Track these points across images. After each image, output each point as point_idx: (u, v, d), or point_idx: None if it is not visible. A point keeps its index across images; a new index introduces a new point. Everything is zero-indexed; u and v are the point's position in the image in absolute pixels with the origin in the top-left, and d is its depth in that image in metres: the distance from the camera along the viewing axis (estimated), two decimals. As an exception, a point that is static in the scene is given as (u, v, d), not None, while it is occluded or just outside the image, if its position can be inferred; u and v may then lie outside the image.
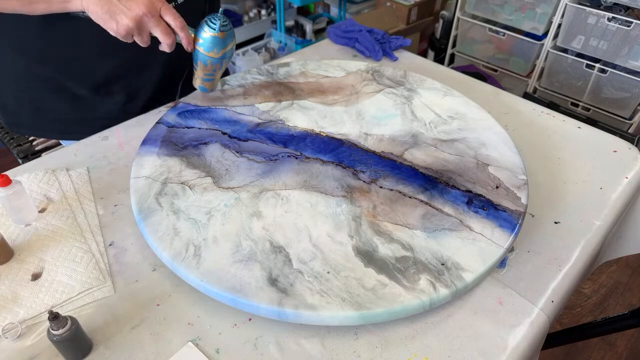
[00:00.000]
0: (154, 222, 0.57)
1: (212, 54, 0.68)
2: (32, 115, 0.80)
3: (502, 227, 0.57)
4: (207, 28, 0.67)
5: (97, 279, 0.54)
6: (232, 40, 0.70)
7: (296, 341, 0.49)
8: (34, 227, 0.60)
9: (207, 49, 0.68)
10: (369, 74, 0.85)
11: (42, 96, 0.78)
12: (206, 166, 0.65)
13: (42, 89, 0.77)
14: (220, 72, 0.73)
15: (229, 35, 0.68)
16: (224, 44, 0.68)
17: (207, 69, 0.71)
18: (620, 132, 1.79)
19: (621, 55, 1.72)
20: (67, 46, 0.73)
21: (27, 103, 0.79)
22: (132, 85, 0.80)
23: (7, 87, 0.78)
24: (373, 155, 0.67)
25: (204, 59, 0.69)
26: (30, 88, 0.77)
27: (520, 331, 0.50)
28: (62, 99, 0.78)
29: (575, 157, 0.74)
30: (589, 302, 1.53)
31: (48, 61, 0.74)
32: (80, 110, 0.79)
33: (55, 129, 0.82)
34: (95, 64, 0.76)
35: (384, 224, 0.57)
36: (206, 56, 0.68)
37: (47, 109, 0.79)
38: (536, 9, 1.88)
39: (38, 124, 0.82)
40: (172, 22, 0.63)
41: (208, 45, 0.67)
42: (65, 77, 0.76)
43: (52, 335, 0.44)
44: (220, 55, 0.69)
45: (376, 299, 0.49)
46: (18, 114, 0.81)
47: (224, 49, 0.69)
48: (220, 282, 0.50)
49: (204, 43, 0.67)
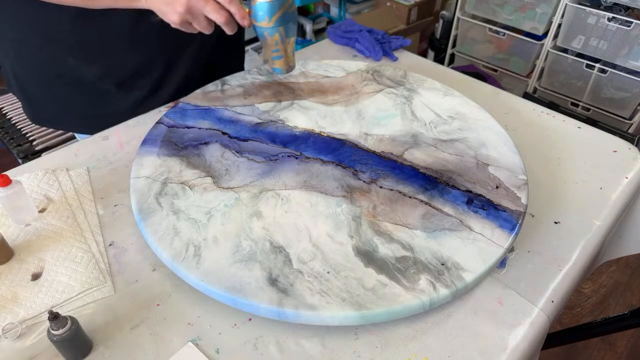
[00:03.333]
0: (154, 222, 0.57)
1: (264, 23, 0.61)
2: (55, 109, 0.82)
3: (502, 227, 0.57)
4: None
5: (97, 279, 0.54)
6: (284, 5, 0.61)
7: (296, 341, 0.49)
8: (34, 227, 0.60)
9: (259, 19, 0.61)
10: (369, 74, 0.85)
11: (66, 90, 0.79)
12: (206, 166, 0.65)
13: (66, 83, 0.78)
14: (287, 45, 0.65)
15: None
16: (273, 8, 0.60)
17: (270, 44, 0.64)
18: (620, 132, 1.79)
19: (621, 55, 1.72)
20: (98, 40, 0.73)
21: (51, 97, 0.80)
22: (156, 81, 0.80)
23: (32, 80, 0.79)
24: (373, 155, 0.67)
25: (262, 31, 0.62)
26: (55, 82, 0.78)
27: (520, 331, 0.50)
28: (85, 93, 0.79)
29: (575, 157, 0.74)
30: (589, 302, 1.52)
31: (77, 55, 0.75)
32: (102, 104, 0.80)
33: (77, 123, 0.83)
34: (123, 59, 0.76)
35: (384, 224, 0.57)
36: (260, 27, 0.62)
37: (70, 102, 0.80)
38: (536, 9, 1.88)
39: (61, 118, 0.83)
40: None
41: (258, 13, 0.61)
42: (92, 71, 0.76)
43: (52, 335, 0.44)
44: (275, 23, 0.61)
45: (376, 299, 0.49)
46: (42, 107, 0.82)
47: (276, 15, 0.61)
48: (220, 282, 0.50)
49: (255, 12, 0.61)
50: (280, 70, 0.68)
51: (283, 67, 0.68)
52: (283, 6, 0.61)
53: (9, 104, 1.47)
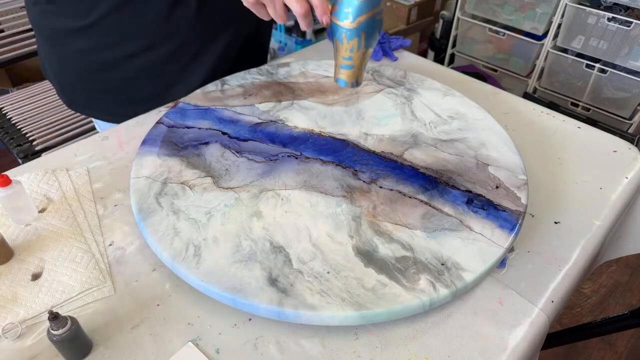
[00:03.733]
0: (154, 222, 0.57)
1: (346, 23, 0.53)
2: (86, 96, 0.83)
3: (502, 227, 0.57)
4: None
5: (97, 279, 0.54)
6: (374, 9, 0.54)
7: (296, 341, 0.49)
8: (34, 227, 0.60)
9: (341, 17, 0.54)
10: (369, 74, 0.85)
11: (96, 77, 0.80)
12: (206, 166, 0.65)
13: (97, 70, 0.79)
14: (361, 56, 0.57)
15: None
16: (361, 9, 0.53)
17: (344, 49, 0.56)
18: (620, 132, 1.79)
19: (621, 55, 1.72)
20: (134, 27, 0.74)
21: (82, 83, 0.82)
22: (183, 69, 0.81)
23: (64, 68, 0.81)
24: (373, 155, 0.67)
25: (339, 31, 0.55)
26: (86, 69, 0.79)
27: (520, 331, 0.50)
28: (114, 80, 0.80)
29: (575, 157, 0.74)
30: (589, 302, 1.53)
31: (110, 41, 0.76)
32: (129, 91, 0.81)
33: (105, 110, 0.85)
34: (155, 46, 0.77)
35: (384, 224, 0.57)
36: (340, 27, 0.54)
37: (100, 89, 0.82)
38: (536, 9, 1.88)
39: (90, 104, 0.85)
40: None
41: (343, 10, 0.53)
42: (122, 58, 0.77)
43: (52, 335, 0.44)
44: (357, 26, 0.53)
45: (376, 299, 0.49)
46: (74, 93, 0.84)
47: (363, 16, 0.53)
48: (220, 282, 0.50)
49: (339, 9, 0.54)
50: (345, 83, 0.60)
51: (349, 81, 0.60)
52: (373, 9, 0.54)
53: (9, 104, 1.48)
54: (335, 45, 0.57)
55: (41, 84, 1.56)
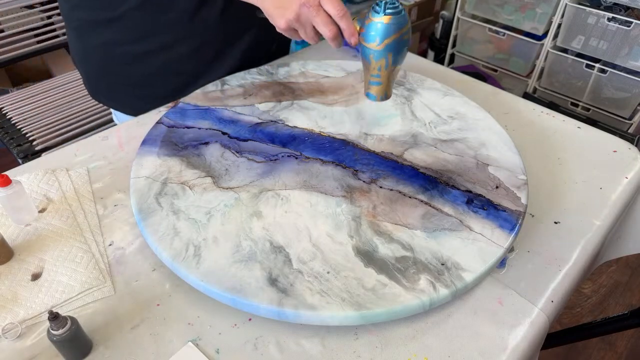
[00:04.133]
0: (154, 222, 0.57)
1: (373, 45, 0.56)
2: (109, 87, 0.86)
3: (502, 227, 0.57)
4: (371, 13, 0.56)
5: (97, 279, 0.54)
6: (400, 30, 0.55)
7: (296, 341, 0.49)
8: (34, 227, 0.60)
9: (368, 39, 0.56)
10: (369, 74, 0.85)
11: (117, 69, 0.82)
12: (206, 166, 0.65)
13: (118, 63, 0.81)
14: (389, 73, 0.59)
15: (397, 22, 0.55)
16: (388, 32, 0.55)
17: (372, 68, 0.59)
18: (620, 132, 1.79)
19: (621, 55, 1.72)
20: (159, 23, 0.76)
21: (106, 75, 0.84)
22: (202, 70, 0.83)
23: (90, 58, 0.84)
24: (373, 155, 0.67)
25: (367, 52, 0.57)
26: (108, 60, 0.81)
27: (520, 331, 0.50)
28: (133, 74, 0.82)
29: (575, 157, 0.74)
30: (589, 302, 1.53)
31: (135, 36, 0.78)
32: (150, 86, 0.83)
33: (125, 102, 0.87)
34: (179, 43, 0.79)
35: (384, 224, 0.57)
36: (368, 48, 0.57)
37: (122, 82, 0.84)
38: (536, 9, 1.88)
39: (112, 96, 0.88)
40: (332, 10, 0.57)
41: (370, 33, 0.56)
42: (145, 53, 0.79)
43: (52, 335, 0.44)
44: (384, 48, 0.55)
45: (376, 299, 0.49)
46: (98, 84, 0.87)
47: (388, 39, 0.55)
48: (220, 282, 0.50)
49: (366, 31, 0.56)
50: (374, 97, 0.62)
51: (378, 95, 0.62)
52: (399, 31, 0.55)
53: (9, 104, 1.47)
54: (364, 63, 0.60)
55: (41, 84, 1.55)
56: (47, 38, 1.57)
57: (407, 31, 0.56)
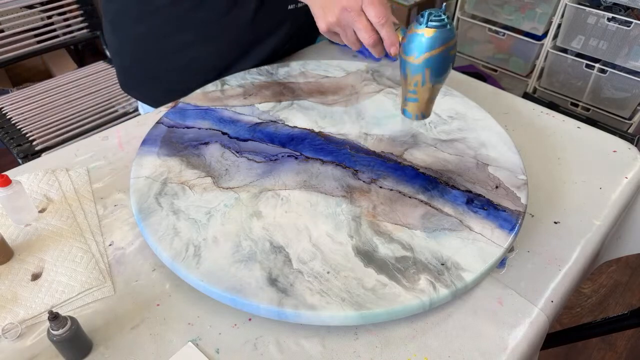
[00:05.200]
0: (154, 222, 0.57)
1: (411, 58, 0.52)
2: (140, 80, 0.88)
3: (502, 227, 0.57)
4: (414, 23, 0.51)
5: (97, 279, 0.54)
6: (443, 45, 0.50)
7: (296, 341, 0.49)
8: (34, 227, 0.60)
9: (407, 51, 0.52)
10: (368, 74, 0.85)
11: (146, 63, 0.84)
12: (206, 166, 0.65)
13: (147, 57, 0.83)
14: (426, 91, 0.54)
15: (440, 35, 0.50)
16: (428, 45, 0.50)
17: (409, 83, 0.55)
18: (620, 132, 1.79)
19: (621, 55, 1.73)
20: (194, 18, 0.78)
21: (138, 67, 0.86)
22: (229, 68, 0.84)
23: (124, 50, 0.86)
24: (373, 155, 0.67)
25: (405, 65, 0.53)
26: (139, 54, 0.84)
27: (520, 331, 0.50)
28: (161, 69, 0.84)
29: (575, 157, 0.74)
30: (589, 302, 1.53)
31: (169, 31, 0.79)
32: (174, 83, 0.84)
33: (154, 96, 0.88)
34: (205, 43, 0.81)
35: (384, 224, 0.57)
36: (406, 61, 0.53)
37: (147, 76, 0.86)
38: (536, 9, 1.88)
39: (142, 89, 0.90)
40: (373, 16, 0.54)
41: (410, 44, 0.51)
42: (172, 49, 0.82)
43: (52, 335, 0.44)
44: (422, 62, 0.51)
45: (376, 299, 0.49)
46: (130, 76, 0.89)
47: (428, 53, 0.51)
48: (220, 282, 0.50)
49: (406, 42, 0.52)
50: (410, 115, 0.58)
51: (414, 113, 0.57)
52: (441, 46, 0.50)
53: (9, 104, 1.48)
54: (401, 76, 0.56)
55: (41, 83, 1.56)
56: (47, 38, 1.57)
57: (451, 47, 0.51)
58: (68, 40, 1.64)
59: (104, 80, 1.56)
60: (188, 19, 0.79)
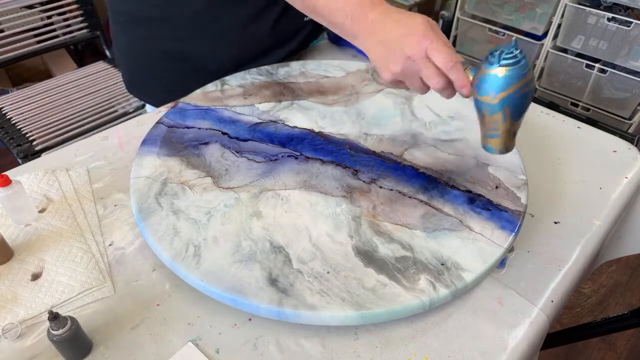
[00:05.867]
0: (154, 222, 0.57)
1: (487, 99, 0.49)
2: (146, 82, 0.89)
3: (502, 227, 0.57)
4: (485, 63, 0.49)
5: (97, 279, 0.54)
6: (519, 82, 0.48)
7: (296, 341, 0.49)
8: (34, 227, 0.60)
9: (482, 92, 0.50)
10: (368, 74, 0.85)
11: (155, 65, 0.85)
12: (206, 166, 0.65)
13: (159, 59, 0.84)
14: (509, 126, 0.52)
15: (514, 73, 0.48)
16: (503, 85, 0.48)
17: (488, 121, 0.52)
18: (620, 132, 1.79)
19: (621, 55, 1.72)
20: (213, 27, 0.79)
21: (144, 69, 0.86)
22: (239, 70, 0.85)
23: (131, 52, 0.86)
24: (373, 155, 0.67)
25: (481, 106, 0.51)
26: (150, 57, 0.84)
27: (520, 331, 0.50)
28: (170, 71, 0.85)
29: (575, 157, 0.74)
30: (589, 302, 1.53)
31: (182, 36, 0.80)
32: (183, 85, 0.84)
33: (160, 98, 0.88)
34: (218, 52, 0.82)
35: (383, 224, 0.57)
36: (482, 102, 0.50)
37: (160, 77, 0.86)
38: (536, 9, 1.88)
39: (148, 91, 0.91)
40: (440, 61, 0.52)
41: (483, 85, 0.49)
42: (183, 54, 0.83)
43: (52, 335, 0.44)
44: (499, 102, 0.49)
45: (376, 299, 0.49)
46: (136, 77, 0.90)
47: (504, 92, 0.48)
48: (220, 282, 0.50)
49: (479, 83, 0.50)
50: (492, 150, 0.55)
51: (496, 148, 0.55)
52: (517, 83, 0.48)
53: (9, 104, 1.48)
54: (478, 116, 0.54)
55: (41, 84, 1.56)
56: (47, 38, 1.57)
57: (528, 82, 0.49)
58: (68, 40, 1.63)
59: (104, 80, 1.56)
60: (205, 29, 0.79)
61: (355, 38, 0.59)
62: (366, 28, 0.57)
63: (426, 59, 0.52)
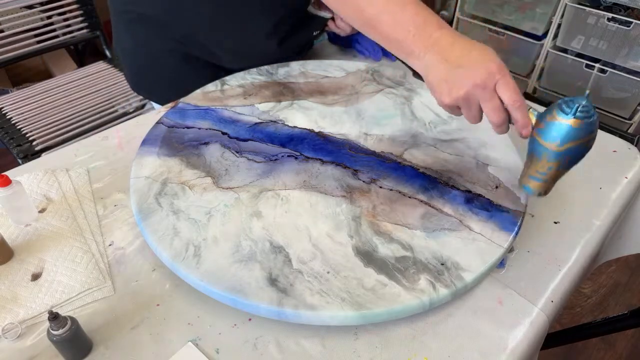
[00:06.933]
0: (154, 222, 0.57)
1: (552, 145, 0.50)
2: (150, 81, 0.89)
3: (502, 227, 0.57)
4: (557, 111, 0.50)
5: (97, 279, 0.54)
6: (587, 136, 0.50)
7: (296, 341, 0.49)
8: (33, 227, 0.60)
9: (547, 138, 0.50)
10: (368, 74, 0.85)
11: (161, 65, 0.85)
12: (206, 166, 0.65)
13: (165, 58, 0.84)
14: (555, 174, 0.53)
15: (585, 128, 0.49)
16: (574, 135, 0.49)
17: (540, 165, 0.52)
18: (620, 132, 1.79)
19: (621, 55, 1.73)
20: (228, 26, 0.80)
21: (150, 68, 0.87)
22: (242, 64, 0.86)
23: (135, 51, 0.87)
24: (373, 155, 0.67)
25: (539, 149, 0.51)
26: (156, 56, 0.84)
27: (520, 331, 0.50)
28: (175, 70, 0.85)
29: (575, 157, 0.73)
30: (589, 302, 1.53)
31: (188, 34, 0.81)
32: (192, 82, 0.85)
33: (166, 96, 0.89)
34: (224, 60, 0.84)
35: (383, 224, 0.57)
36: (543, 146, 0.50)
37: (163, 76, 0.87)
38: (536, 9, 1.88)
39: (154, 89, 0.91)
40: (507, 98, 0.51)
41: (551, 132, 0.50)
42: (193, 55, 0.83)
43: (52, 335, 0.44)
44: (564, 150, 0.50)
45: (376, 299, 0.49)
46: (141, 76, 0.90)
47: (571, 142, 0.49)
48: (220, 282, 0.50)
49: (546, 129, 0.50)
50: (531, 192, 0.56)
51: (536, 191, 0.55)
52: (586, 137, 0.50)
53: (9, 104, 1.48)
54: (531, 157, 0.54)
55: (41, 84, 1.55)
56: (47, 38, 1.57)
57: (593, 138, 0.51)
58: (68, 40, 1.63)
59: (104, 80, 1.56)
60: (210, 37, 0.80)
61: (411, 55, 0.56)
62: (429, 45, 0.54)
63: (494, 92, 0.52)
